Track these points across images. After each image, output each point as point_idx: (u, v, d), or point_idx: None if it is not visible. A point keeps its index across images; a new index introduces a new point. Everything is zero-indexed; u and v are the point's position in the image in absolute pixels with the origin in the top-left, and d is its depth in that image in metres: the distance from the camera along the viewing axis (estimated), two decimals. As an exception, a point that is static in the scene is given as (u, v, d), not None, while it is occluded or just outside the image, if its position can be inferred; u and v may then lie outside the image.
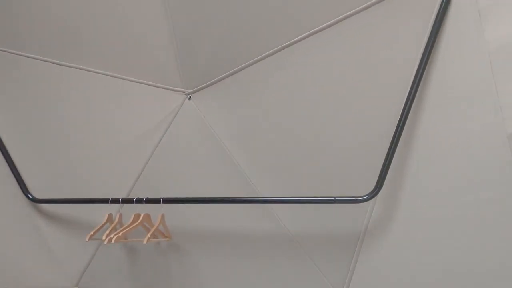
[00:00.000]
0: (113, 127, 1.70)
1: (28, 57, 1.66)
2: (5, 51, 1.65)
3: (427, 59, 1.19)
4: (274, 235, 1.63)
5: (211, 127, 1.65)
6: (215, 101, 1.64)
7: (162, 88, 1.67)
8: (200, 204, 1.57)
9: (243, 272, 1.70)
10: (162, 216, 1.55)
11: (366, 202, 1.32)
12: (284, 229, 1.60)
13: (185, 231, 1.72)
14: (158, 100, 1.68)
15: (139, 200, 1.57)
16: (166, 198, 1.56)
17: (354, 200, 1.31)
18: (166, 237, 1.63)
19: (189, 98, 1.69)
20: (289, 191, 1.56)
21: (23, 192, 1.75)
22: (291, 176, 1.56)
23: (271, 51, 1.45)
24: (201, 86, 1.63)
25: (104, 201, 1.62)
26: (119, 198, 1.60)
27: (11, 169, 1.74)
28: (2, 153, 1.73)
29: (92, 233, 1.51)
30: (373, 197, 1.29)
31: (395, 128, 1.26)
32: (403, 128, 1.25)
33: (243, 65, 1.52)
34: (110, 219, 1.60)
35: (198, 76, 1.62)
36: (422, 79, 1.22)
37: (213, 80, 1.60)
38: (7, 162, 1.73)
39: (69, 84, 1.68)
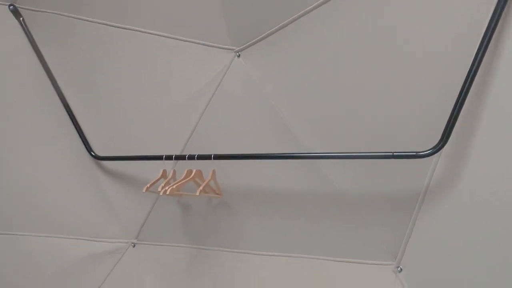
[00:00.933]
0: (165, 87, 1.74)
1: (83, 19, 1.72)
2: (61, 15, 1.73)
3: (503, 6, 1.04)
4: (325, 195, 1.59)
5: (260, 84, 1.62)
6: (264, 58, 1.59)
7: (212, 46, 1.66)
8: (250, 160, 1.56)
9: (291, 232, 1.70)
10: (213, 172, 1.58)
11: (428, 158, 1.22)
12: (336, 188, 1.56)
13: (236, 190, 1.74)
14: (208, 58, 1.68)
15: (191, 157, 1.61)
16: (217, 154, 1.57)
17: (416, 155, 1.21)
18: (217, 194, 1.66)
19: (238, 56, 1.66)
20: (341, 150, 1.49)
21: (87, 150, 1.87)
22: (344, 133, 1.49)
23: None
24: (250, 42, 1.59)
25: (159, 158, 1.68)
26: (172, 155, 1.65)
27: (76, 129, 1.86)
28: (68, 114, 1.84)
29: (148, 185, 1.58)
30: (437, 151, 1.18)
31: (464, 78, 1.13)
32: (473, 79, 1.11)
33: (293, 17, 1.45)
34: (164, 174, 1.66)
35: (247, 32, 1.58)
36: (496, 28, 1.07)
37: (262, 36, 1.55)
38: (72, 122, 1.85)
39: (122, 45, 1.73)
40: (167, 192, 1.45)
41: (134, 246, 2.02)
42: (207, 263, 1.87)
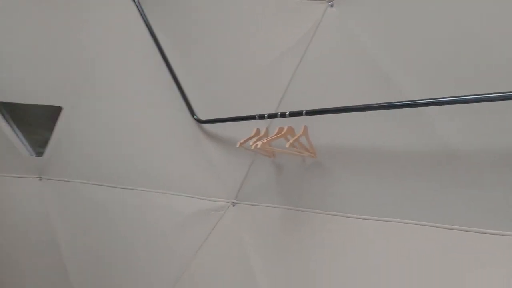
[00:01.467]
0: (259, 45, 1.74)
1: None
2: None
3: None
4: (433, 152, 1.38)
5: (356, 34, 1.49)
6: (359, 5, 1.45)
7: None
8: (347, 115, 1.46)
9: (394, 194, 1.54)
10: (305, 128, 1.53)
11: None
12: (446, 144, 1.34)
13: (331, 149, 1.65)
14: (301, 11, 1.61)
15: (283, 114, 1.59)
16: (310, 110, 1.51)
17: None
18: (310, 153, 1.61)
19: (331, 5, 1.55)
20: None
21: (190, 114, 2.02)
22: (454, 80, 1.26)
23: None
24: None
25: (252, 117, 1.71)
26: (265, 114, 1.66)
27: (181, 94, 2.02)
28: (174, 79, 2.02)
29: (242, 141, 1.62)
30: None
31: None
32: None
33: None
34: (257, 133, 1.68)
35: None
36: None
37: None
38: (178, 87, 2.02)
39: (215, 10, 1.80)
40: (258, 146, 1.47)
41: (234, 205, 2.13)
42: (302, 225, 1.85)
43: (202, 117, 1.99)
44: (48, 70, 2.27)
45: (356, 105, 1.40)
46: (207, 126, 2.02)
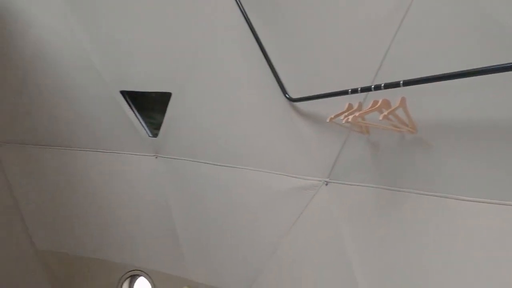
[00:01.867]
0: (351, 18, 1.66)
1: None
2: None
3: None
4: None
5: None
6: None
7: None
8: (453, 84, 1.28)
9: (502, 175, 1.31)
10: (402, 99, 1.40)
11: None
12: None
13: (434, 123, 1.49)
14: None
15: (378, 87, 1.48)
16: (407, 80, 1.38)
17: None
18: (409, 128, 1.48)
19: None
20: None
21: (282, 93, 2.05)
22: None
23: None
24: None
25: (344, 92, 1.65)
26: (358, 88, 1.58)
27: (273, 74, 2.06)
28: (266, 60, 2.07)
29: (332, 116, 1.58)
30: None
31: None
32: None
33: None
34: (350, 108, 1.62)
35: None
36: None
37: None
38: (270, 68, 2.07)
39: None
40: (349, 120, 1.41)
41: (327, 184, 2.10)
42: (400, 206, 1.73)
43: (294, 96, 2.00)
44: (160, 61, 2.56)
45: (466, 70, 1.21)
46: (298, 104, 2.02)
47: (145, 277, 3.03)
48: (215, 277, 2.72)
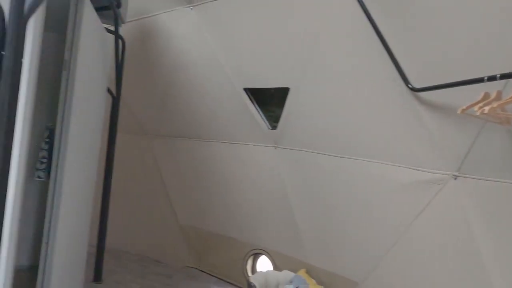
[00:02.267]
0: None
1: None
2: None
3: None
4: None
5: None
6: None
7: None
8: None
9: None
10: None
11: None
12: None
13: None
14: None
15: (523, 73, 1.34)
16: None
17: None
18: None
19: None
20: None
21: (404, 83, 1.99)
22: None
23: None
24: None
25: (479, 80, 1.52)
26: (496, 75, 1.45)
27: (394, 63, 2.01)
28: (387, 50, 2.03)
29: (464, 107, 1.49)
30: None
31: None
32: None
33: None
34: (486, 97, 1.49)
35: None
36: None
37: None
38: (390, 57, 2.02)
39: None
40: (485, 111, 1.31)
41: (456, 178, 1.97)
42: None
43: (416, 86, 1.92)
44: (278, 59, 2.74)
45: None
46: (423, 94, 1.93)
47: (267, 256, 3.33)
48: (332, 263, 2.82)
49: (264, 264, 3.44)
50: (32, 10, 1.13)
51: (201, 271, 3.72)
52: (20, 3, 1.08)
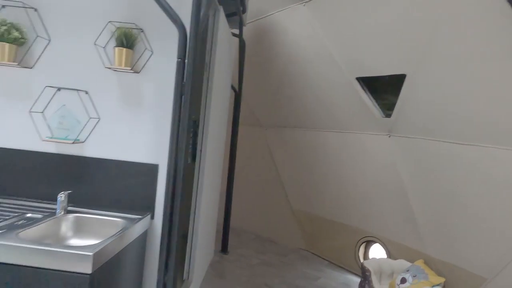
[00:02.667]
0: None
1: None
2: None
3: None
4: None
5: None
6: None
7: None
8: None
9: None
10: None
11: None
12: None
13: None
14: None
15: None
16: None
17: None
18: None
19: None
20: None
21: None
22: None
23: None
24: None
25: None
26: None
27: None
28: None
29: None
30: None
31: None
32: None
33: None
34: None
35: None
36: None
37: None
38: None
39: None
40: None
41: None
42: None
43: None
44: (394, 46, 2.72)
45: None
46: None
47: (380, 244, 3.35)
48: (454, 256, 2.70)
49: (377, 252, 3.47)
50: (201, 27, 1.45)
51: (313, 254, 3.93)
52: (196, 23, 1.40)
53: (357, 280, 3.28)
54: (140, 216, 1.69)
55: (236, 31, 3.19)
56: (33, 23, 1.75)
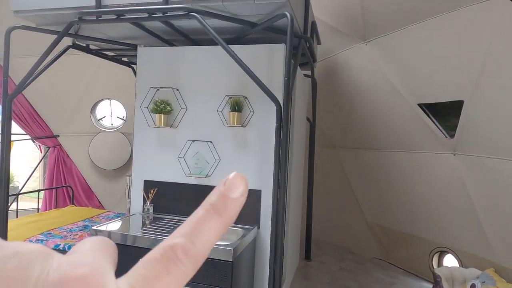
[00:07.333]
0: None
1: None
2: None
3: None
4: None
5: None
6: None
7: None
8: None
9: None
10: None
11: None
12: None
13: None
14: None
15: None
16: None
17: None
18: None
19: None
20: None
21: None
22: None
23: None
24: None
25: None
26: None
27: None
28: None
29: None
30: None
31: None
32: None
33: None
34: None
35: None
36: None
37: None
38: None
39: None
40: None
41: None
42: None
43: None
44: (450, 75, 3.10)
45: None
46: None
47: (452, 254, 3.61)
48: (524, 264, 2.91)
49: (450, 262, 3.72)
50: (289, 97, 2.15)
51: (389, 262, 4.29)
52: (287, 101, 2.11)
53: (430, 286, 3.58)
54: (251, 226, 2.42)
55: (308, 72, 3.86)
56: (177, 98, 2.66)
